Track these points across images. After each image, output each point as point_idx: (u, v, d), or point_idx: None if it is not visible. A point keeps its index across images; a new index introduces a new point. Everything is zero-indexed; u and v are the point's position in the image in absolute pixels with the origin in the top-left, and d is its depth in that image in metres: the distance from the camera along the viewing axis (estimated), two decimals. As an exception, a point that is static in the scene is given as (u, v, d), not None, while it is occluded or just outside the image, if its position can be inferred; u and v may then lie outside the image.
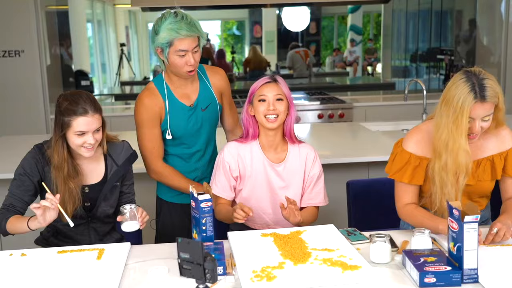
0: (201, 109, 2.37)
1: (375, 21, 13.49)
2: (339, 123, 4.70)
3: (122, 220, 1.96)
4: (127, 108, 5.84)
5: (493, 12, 5.48)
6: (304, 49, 9.69)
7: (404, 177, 2.05)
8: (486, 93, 1.85)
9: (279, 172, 2.22)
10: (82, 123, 1.96)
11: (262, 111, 2.14)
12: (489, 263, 1.71)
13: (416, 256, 1.70)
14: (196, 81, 2.38)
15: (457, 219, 1.62)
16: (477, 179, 2.04)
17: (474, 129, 1.91)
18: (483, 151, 2.05)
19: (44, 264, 1.83)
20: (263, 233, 2.03)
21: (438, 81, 6.83)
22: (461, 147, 1.90)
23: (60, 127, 1.99)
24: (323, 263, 1.74)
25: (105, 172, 2.15)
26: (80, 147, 2.01)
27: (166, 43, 2.19)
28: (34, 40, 4.83)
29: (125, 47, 9.98)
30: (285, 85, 2.19)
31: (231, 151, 2.22)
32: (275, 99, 2.14)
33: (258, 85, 2.17)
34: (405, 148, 2.06)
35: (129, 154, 2.20)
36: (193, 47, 2.20)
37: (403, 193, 2.09)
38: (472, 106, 1.86)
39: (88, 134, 1.98)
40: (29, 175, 2.06)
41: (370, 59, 12.73)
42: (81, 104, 1.97)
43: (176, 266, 1.76)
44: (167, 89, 2.33)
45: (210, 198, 1.91)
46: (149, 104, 2.30)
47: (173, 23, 2.16)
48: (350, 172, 3.13)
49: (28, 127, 4.81)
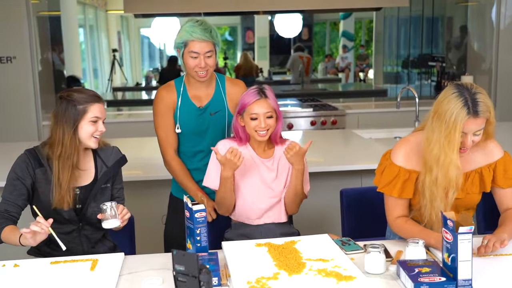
0: (210, 113, 2.48)
1: (367, 27, 13.56)
2: (331, 130, 4.72)
3: (103, 218, 1.99)
4: (119, 115, 5.82)
5: (483, 19, 5.52)
6: (308, 55, 9.76)
7: (393, 191, 2.04)
8: (478, 108, 1.85)
9: (269, 166, 2.29)
10: (97, 110, 2.10)
11: (253, 127, 2.22)
12: (483, 274, 1.72)
13: (411, 266, 1.71)
14: (212, 87, 2.51)
15: (451, 230, 1.63)
16: (466, 192, 2.04)
17: (466, 143, 1.91)
18: (471, 164, 2.05)
19: (38, 275, 1.82)
20: (257, 243, 2.03)
21: (430, 87, 6.87)
22: (453, 162, 1.90)
23: (72, 120, 2.07)
24: (317, 274, 1.74)
25: (95, 174, 2.18)
26: (90, 137, 2.10)
27: (181, 43, 2.37)
28: (26, 46, 4.81)
29: (117, 52, 9.96)
30: (273, 98, 2.24)
31: (225, 146, 2.28)
32: (266, 117, 2.20)
33: (249, 102, 2.22)
34: (394, 161, 2.05)
35: (119, 157, 2.25)
36: (205, 51, 2.35)
37: (393, 207, 2.08)
38: (465, 122, 1.85)
39: (100, 122, 2.10)
40: (21, 179, 2.08)
41: (362, 65, 12.79)
42: (92, 93, 2.13)
43: (170, 276, 1.74)
44: (183, 87, 2.49)
45: (205, 209, 1.91)
46: (164, 96, 2.48)
47: (190, 26, 2.35)
48: (343, 180, 3.13)
49: (19, 134, 4.77)
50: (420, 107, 3.91)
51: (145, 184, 3.01)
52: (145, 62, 13.53)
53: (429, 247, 1.93)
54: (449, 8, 6.72)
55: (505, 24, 5.23)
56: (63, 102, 2.10)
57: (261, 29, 13.31)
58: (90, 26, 9.73)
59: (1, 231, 1.99)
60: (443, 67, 6.21)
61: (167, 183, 2.73)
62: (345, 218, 2.63)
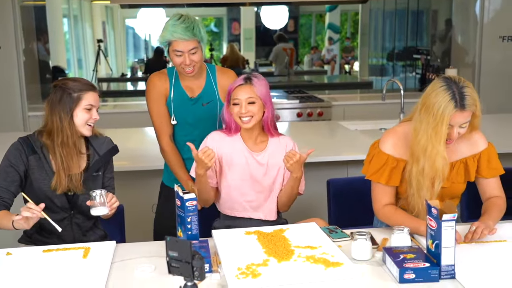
0: (202, 104, 2.50)
1: (353, 19, 13.61)
2: (318, 122, 4.76)
3: (92, 205, 2.01)
4: (104, 105, 5.80)
5: (467, 12, 5.60)
6: (292, 47, 9.69)
7: (381, 178, 2.09)
8: (465, 102, 1.91)
9: (259, 160, 2.29)
10: (91, 98, 2.14)
11: (236, 113, 2.22)
12: (465, 260, 1.78)
13: (396, 253, 1.76)
14: (202, 78, 2.53)
15: (435, 218, 1.68)
16: (451, 181, 2.10)
17: (452, 135, 1.96)
18: (457, 154, 2.11)
19: (30, 263, 1.84)
20: (247, 231, 2.07)
21: (414, 80, 6.94)
22: (439, 153, 1.95)
23: (68, 107, 2.11)
24: (306, 260, 1.78)
25: (87, 161, 2.22)
26: (84, 125, 2.14)
27: (165, 42, 2.39)
28: (11, 36, 4.77)
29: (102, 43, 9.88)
30: (260, 84, 2.22)
31: (214, 138, 2.30)
32: (247, 103, 2.19)
33: (233, 87, 2.24)
34: (382, 149, 2.10)
35: (111, 146, 2.28)
36: (189, 49, 2.35)
37: (381, 195, 2.13)
38: (452, 115, 1.91)
39: (94, 110, 2.14)
40: (14, 166, 2.11)
41: (347, 57, 12.85)
42: (87, 82, 2.18)
43: (162, 264, 1.78)
44: (176, 77, 2.50)
45: (195, 197, 1.94)
46: (156, 83, 2.50)
47: (171, 26, 2.34)
48: (329, 170, 3.19)
49: (5, 124, 4.74)
50: (405, 99, 3.96)
51: (132, 174, 3.03)
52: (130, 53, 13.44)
53: (416, 234, 1.99)
54: (434, 2, 6.78)
55: (489, 18, 5.31)
56: (58, 90, 2.12)
57: (247, 20, 13.28)
58: (75, 16, 9.64)
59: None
60: (427, 60, 6.28)
61: (154, 173, 2.76)
62: (332, 207, 2.69)
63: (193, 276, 1.40)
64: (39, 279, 1.71)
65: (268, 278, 1.67)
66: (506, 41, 5.32)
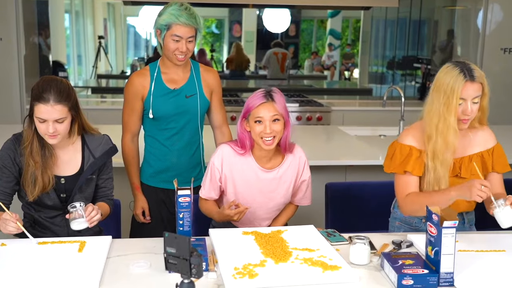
0: (186, 96, 2.50)
1: (354, 26, 13.63)
2: (317, 126, 4.75)
3: (70, 218, 1.95)
4: (103, 102, 5.79)
5: (469, 23, 5.61)
6: (284, 51, 9.64)
7: (407, 166, 2.10)
8: (474, 73, 1.99)
9: (271, 178, 2.22)
10: (42, 111, 1.96)
11: (258, 133, 2.11)
12: (464, 267, 1.76)
13: (395, 258, 1.75)
14: (187, 72, 2.54)
15: (436, 224, 1.67)
16: (471, 173, 2.13)
17: (467, 110, 2.00)
18: (473, 147, 2.16)
19: (25, 255, 1.82)
20: (244, 231, 2.06)
21: (414, 89, 6.95)
22: (451, 126, 2.01)
23: (30, 108, 2.02)
24: (303, 263, 1.77)
25: (81, 163, 2.15)
26: (43, 134, 2.02)
27: (165, 25, 2.38)
28: (13, 29, 4.76)
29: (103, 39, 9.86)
30: (281, 101, 2.12)
31: (223, 155, 2.21)
32: (272, 120, 2.10)
33: (254, 105, 2.11)
34: (404, 142, 2.13)
35: (108, 148, 2.19)
36: (188, 36, 2.37)
37: (405, 185, 2.12)
38: (463, 86, 1.97)
39: (48, 123, 1.97)
40: (7, 167, 2.07)
41: (347, 64, 12.86)
42: (46, 92, 1.96)
43: (158, 260, 1.77)
44: (158, 72, 2.50)
45: (189, 194, 1.91)
46: (135, 82, 2.49)
47: (176, 10, 2.36)
48: (327, 174, 3.17)
49: (3, 117, 4.72)
50: (404, 107, 3.97)
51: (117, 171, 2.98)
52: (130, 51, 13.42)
53: (453, 200, 1.98)
54: (436, 12, 6.80)
55: (491, 29, 5.32)
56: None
57: (248, 23, 13.27)
58: (76, 11, 9.62)
59: None
60: (428, 69, 6.29)
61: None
62: (329, 211, 2.68)
63: (191, 273, 1.39)
64: (33, 271, 1.69)
65: (265, 279, 1.65)
66: (507, 53, 5.34)
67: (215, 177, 2.21)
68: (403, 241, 2.00)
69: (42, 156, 2.05)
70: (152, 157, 2.56)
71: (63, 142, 2.09)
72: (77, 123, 2.09)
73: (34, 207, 2.15)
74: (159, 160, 2.54)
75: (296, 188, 2.30)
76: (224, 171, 2.20)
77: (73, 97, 2.03)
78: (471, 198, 1.90)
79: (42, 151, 2.06)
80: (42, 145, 2.06)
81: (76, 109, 2.06)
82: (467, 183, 1.94)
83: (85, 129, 2.16)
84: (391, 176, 2.20)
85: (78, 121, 2.09)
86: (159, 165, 2.54)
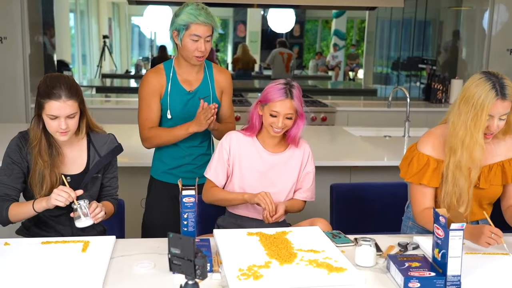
0: (199, 98, 2.48)
1: (359, 27, 13.62)
2: (321, 127, 4.73)
3: (75, 217, 1.95)
4: (107, 101, 5.79)
5: (475, 24, 5.58)
6: (289, 52, 9.64)
7: (423, 178, 2.08)
8: (506, 91, 1.93)
9: (275, 161, 2.27)
10: (54, 107, 1.96)
11: (270, 123, 2.19)
12: (472, 271, 1.74)
13: (401, 260, 1.73)
14: (201, 72, 2.53)
15: (443, 226, 1.65)
16: (490, 183, 2.10)
17: (493, 127, 1.98)
18: (494, 156, 2.12)
19: (28, 254, 1.81)
20: (249, 232, 2.04)
21: (419, 89, 6.92)
22: (478, 142, 1.97)
23: (37, 107, 2.02)
24: (308, 264, 1.75)
25: (87, 162, 2.14)
26: (55, 132, 2.01)
27: (183, 25, 2.37)
28: (18, 27, 4.76)
29: (107, 39, 9.87)
30: (298, 98, 2.19)
31: (231, 137, 2.28)
32: (285, 117, 2.17)
33: (274, 99, 2.16)
34: (422, 151, 2.10)
35: (113, 146, 2.19)
36: (206, 35, 2.38)
37: (421, 197, 2.11)
38: (494, 103, 1.92)
39: (60, 119, 1.97)
40: (17, 163, 2.06)
41: (352, 64, 12.84)
42: (57, 88, 1.96)
43: (162, 261, 1.76)
44: (173, 72, 2.50)
45: (194, 194, 1.90)
46: (152, 80, 2.47)
47: (194, 10, 2.37)
48: (332, 175, 3.16)
49: (7, 115, 4.72)
50: (410, 108, 3.95)
51: (133, 170, 2.99)
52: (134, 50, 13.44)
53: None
54: (441, 13, 6.77)
55: (497, 30, 5.30)
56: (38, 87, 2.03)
57: (253, 23, 13.27)
58: (81, 11, 9.64)
59: (8, 211, 2.00)
60: (433, 70, 6.26)
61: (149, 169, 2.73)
62: (334, 212, 2.66)
63: (195, 274, 1.38)
64: (36, 271, 1.68)
65: (270, 280, 1.64)
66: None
67: (223, 158, 2.26)
68: (410, 243, 1.98)
69: (49, 155, 2.06)
70: (165, 155, 2.56)
71: (70, 140, 2.09)
72: (85, 119, 2.10)
73: None
74: (171, 157, 2.54)
75: (301, 179, 2.31)
76: (232, 153, 2.26)
77: (81, 92, 2.06)
78: (477, 243, 1.88)
79: (49, 150, 2.06)
80: (49, 144, 2.06)
81: (83, 105, 2.08)
82: (478, 228, 1.89)
83: (91, 127, 2.16)
84: (396, 176, 2.19)
85: (85, 117, 2.10)
86: (172, 163, 2.54)
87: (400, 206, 2.45)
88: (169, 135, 2.48)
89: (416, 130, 3.95)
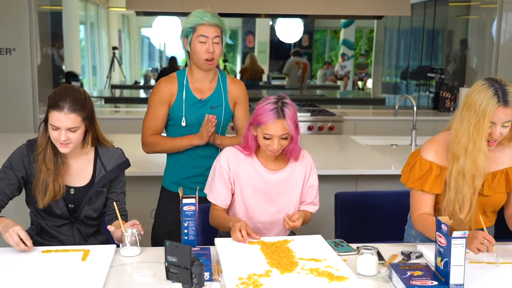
0: (211, 107, 2.50)
1: (367, 37, 13.61)
2: (328, 136, 4.72)
3: (122, 244, 1.92)
4: (117, 111, 5.83)
5: (483, 33, 5.55)
6: (305, 61, 9.68)
7: (425, 185, 2.06)
8: (508, 98, 1.90)
9: (277, 180, 2.19)
10: (55, 118, 1.96)
11: (266, 145, 2.10)
12: (475, 280, 1.71)
13: (403, 269, 1.71)
14: (214, 82, 2.55)
15: (445, 234, 1.63)
16: (493, 191, 2.08)
17: (495, 134, 1.95)
18: (498, 163, 2.09)
19: (28, 263, 1.81)
20: (250, 241, 2.02)
21: (428, 99, 6.88)
22: (481, 150, 1.94)
23: (46, 114, 2.03)
24: (310, 273, 1.73)
25: (93, 175, 2.13)
26: (55, 141, 2.01)
27: (190, 28, 2.42)
28: (26, 39, 4.81)
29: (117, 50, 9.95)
30: (291, 117, 2.07)
31: (229, 156, 2.19)
32: (281, 138, 2.07)
33: (265, 121, 2.05)
34: (425, 157, 2.08)
35: (121, 161, 2.17)
36: (213, 35, 2.41)
37: (421, 203, 2.09)
38: (495, 110, 1.90)
39: (60, 130, 1.97)
40: (14, 170, 2.06)
41: (360, 74, 12.83)
42: (62, 100, 1.96)
43: (161, 270, 1.74)
44: (186, 80, 2.52)
45: (194, 203, 1.90)
46: (163, 87, 2.51)
47: (199, 12, 2.43)
48: (338, 184, 3.14)
49: (16, 125, 4.76)
50: (417, 117, 3.92)
51: (135, 179, 2.99)
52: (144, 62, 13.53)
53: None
54: (449, 22, 6.74)
55: (505, 39, 5.27)
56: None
57: (262, 33, 13.32)
58: (91, 23, 9.72)
59: None
60: (441, 79, 6.23)
61: (157, 179, 2.73)
62: (339, 221, 2.64)
63: (192, 283, 1.36)
64: (36, 280, 1.67)
65: (269, 289, 1.62)
66: (522, 62, 5.26)
67: (223, 178, 2.18)
68: (413, 252, 1.96)
69: (54, 164, 2.05)
70: (177, 163, 2.56)
71: (75, 152, 2.09)
72: (91, 134, 2.08)
73: (42, 215, 2.14)
74: (182, 167, 2.55)
75: (304, 193, 2.26)
76: (231, 172, 2.18)
77: (89, 107, 2.03)
78: (468, 248, 1.82)
79: (55, 159, 2.06)
80: (55, 152, 2.06)
81: (91, 120, 2.05)
82: (471, 233, 1.84)
83: (100, 140, 2.14)
84: (402, 185, 2.16)
85: (92, 132, 2.08)
86: (183, 173, 2.55)
87: (405, 215, 2.42)
88: (170, 143, 2.49)
89: (424, 139, 3.88)
